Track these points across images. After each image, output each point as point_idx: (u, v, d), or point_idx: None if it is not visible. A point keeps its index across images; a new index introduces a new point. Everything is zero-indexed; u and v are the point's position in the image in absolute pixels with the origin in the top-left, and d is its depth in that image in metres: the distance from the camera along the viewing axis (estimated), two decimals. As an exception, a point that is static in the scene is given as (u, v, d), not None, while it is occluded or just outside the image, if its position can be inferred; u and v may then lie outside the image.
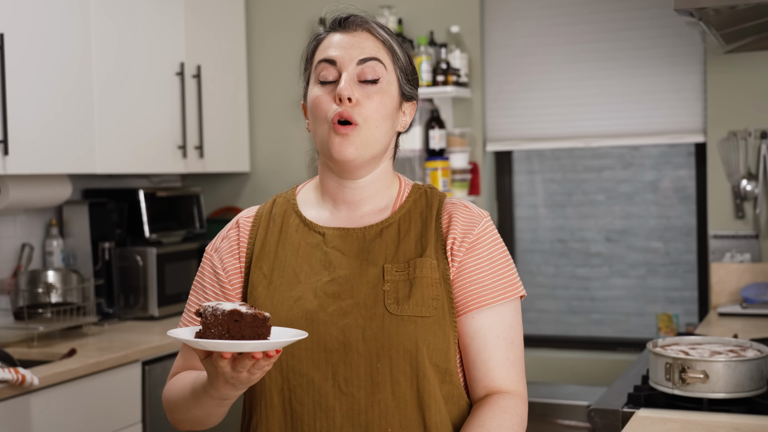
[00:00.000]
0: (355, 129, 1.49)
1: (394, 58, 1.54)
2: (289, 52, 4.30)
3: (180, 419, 1.55)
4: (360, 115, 1.49)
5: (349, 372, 1.46)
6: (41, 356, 3.06)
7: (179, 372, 1.61)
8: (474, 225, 1.54)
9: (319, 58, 1.53)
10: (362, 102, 1.49)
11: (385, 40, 1.54)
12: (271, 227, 1.58)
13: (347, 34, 1.53)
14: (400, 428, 1.46)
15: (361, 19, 1.54)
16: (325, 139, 1.50)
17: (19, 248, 3.50)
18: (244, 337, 1.31)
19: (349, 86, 1.48)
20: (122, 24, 3.53)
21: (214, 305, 1.33)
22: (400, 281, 1.49)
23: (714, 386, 2.08)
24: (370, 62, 1.51)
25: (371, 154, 1.52)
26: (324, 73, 1.51)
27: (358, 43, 1.51)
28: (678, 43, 3.79)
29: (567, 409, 3.58)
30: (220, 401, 1.44)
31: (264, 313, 1.32)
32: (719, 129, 3.70)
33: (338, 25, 1.54)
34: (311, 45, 1.57)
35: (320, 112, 1.51)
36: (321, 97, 1.51)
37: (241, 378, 1.33)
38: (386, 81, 1.52)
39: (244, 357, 1.30)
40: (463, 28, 4.02)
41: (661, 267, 4.17)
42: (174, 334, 1.35)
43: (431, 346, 1.47)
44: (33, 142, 3.11)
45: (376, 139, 1.51)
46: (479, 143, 4.04)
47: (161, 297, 3.73)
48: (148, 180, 4.19)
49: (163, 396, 1.60)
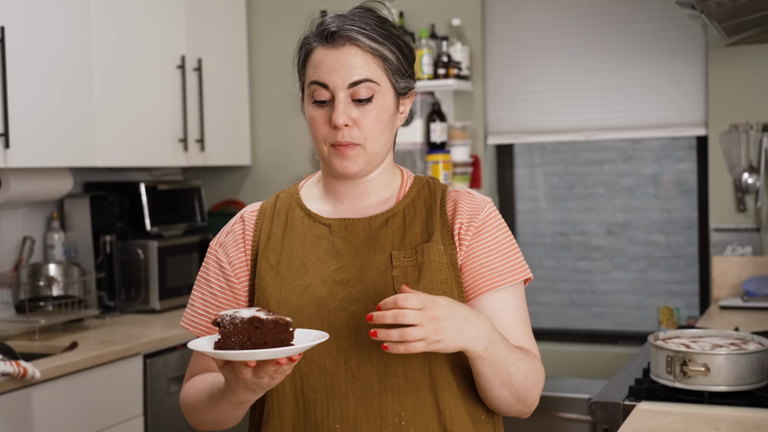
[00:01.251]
0: (355, 149, 1.50)
1: (385, 66, 1.51)
2: (290, 45, 4.27)
3: (198, 422, 1.57)
4: (357, 137, 1.49)
5: (361, 357, 1.47)
6: (43, 349, 3.07)
7: (195, 374, 1.61)
8: (479, 210, 1.55)
9: (311, 78, 1.51)
10: (359, 121, 1.49)
11: (375, 50, 1.50)
12: (276, 220, 1.59)
13: (335, 50, 1.50)
14: (413, 412, 1.47)
15: (348, 32, 1.50)
16: (326, 156, 1.52)
17: (20, 241, 3.51)
18: (267, 343, 1.31)
19: (343, 114, 1.48)
20: (123, 17, 3.53)
21: (232, 313, 1.32)
22: (408, 266, 1.50)
23: (715, 379, 2.08)
24: (360, 84, 1.49)
25: (374, 165, 1.54)
26: (317, 94, 1.51)
27: (348, 63, 1.49)
28: (679, 36, 3.78)
29: (568, 402, 3.59)
30: (238, 405, 1.45)
31: (286, 318, 1.32)
32: (721, 122, 3.69)
33: (324, 39, 1.51)
34: (301, 53, 1.56)
35: (318, 133, 1.52)
36: (317, 118, 1.51)
37: (262, 384, 1.34)
38: (380, 94, 1.51)
39: (268, 363, 1.31)
40: (465, 21, 4.01)
41: (662, 260, 4.17)
42: (194, 346, 1.35)
43: None
44: (34, 135, 3.11)
45: (376, 151, 1.52)
46: (480, 136, 4.04)
47: (162, 290, 3.73)
48: (149, 173, 4.19)
49: (181, 399, 1.61)
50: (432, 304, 1.34)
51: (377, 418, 1.46)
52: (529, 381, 1.49)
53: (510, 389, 1.48)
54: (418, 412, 1.47)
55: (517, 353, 1.47)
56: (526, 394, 1.50)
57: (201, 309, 1.60)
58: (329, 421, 1.47)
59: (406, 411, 1.47)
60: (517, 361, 1.47)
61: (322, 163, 1.56)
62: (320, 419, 1.48)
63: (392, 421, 1.46)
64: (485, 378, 1.45)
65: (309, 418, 1.48)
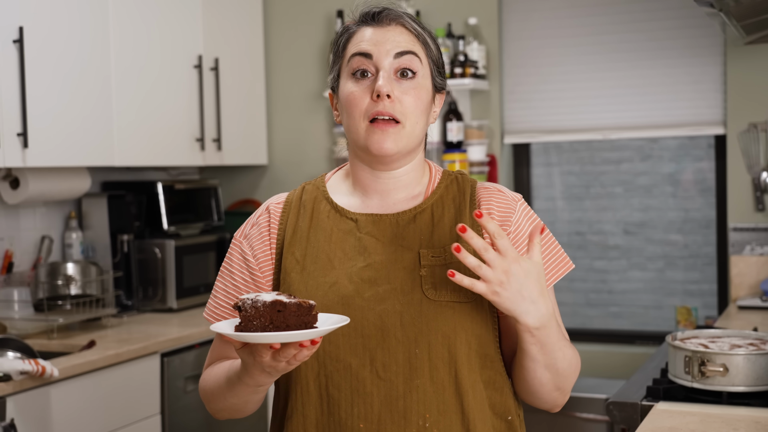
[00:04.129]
0: (396, 127, 1.49)
1: (427, 51, 1.54)
2: (307, 44, 4.30)
3: (217, 408, 1.56)
4: (399, 112, 1.48)
5: (387, 357, 1.46)
6: (61, 348, 3.09)
7: (214, 362, 1.61)
8: (511, 212, 1.53)
9: (353, 51, 1.51)
10: (400, 98, 1.49)
11: (419, 33, 1.53)
12: (302, 213, 1.57)
13: (380, 28, 1.52)
14: (438, 414, 1.46)
15: (395, 13, 1.53)
16: (363, 134, 1.50)
17: (38, 240, 3.53)
18: (289, 326, 1.30)
19: (387, 82, 1.48)
20: (141, 17, 3.54)
21: (253, 297, 1.32)
22: (436, 266, 1.48)
23: (734, 379, 2.06)
24: (406, 56, 1.50)
25: (409, 149, 1.52)
26: (359, 66, 1.50)
27: (393, 37, 1.51)
28: (697, 34, 3.76)
29: (585, 402, 3.57)
30: (255, 388, 1.45)
31: (309, 301, 1.31)
32: (739, 121, 3.67)
33: (371, 18, 1.53)
34: (342, 38, 1.56)
35: (356, 109, 1.50)
36: (356, 93, 1.50)
37: (278, 367, 1.34)
38: (422, 75, 1.52)
39: (289, 346, 1.31)
40: (481, 19, 4.00)
41: (679, 260, 4.15)
42: (216, 328, 1.35)
43: (470, 331, 1.47)
44: (52, 135, 3.13)
45: (415, 134, 1.51)
46: (497, 135, 4.03)
47: (179, 289, 3.75)
48: (166, 173, 4.20)
49: (200, 387, 1.61)
50: (515, 258, 1.35)
51: (401, 419, 1.46)
52: (571, 369, 1.50)
53: (553, 374, 1.48)
54: (443, 414, 1.47)
55: (564, 341, 1.48)
56: (566, 382, 1.51)
57: (223, 300, 1.59)
58: (353, 420, 1.47)
59: (431, 412, 1.46)
60: (564, 348, 1.47)
61: (357, 147, 1.54)
62: (344, 418, 1.47)
63: (416, 423, 1.46)
64: (531, 357, 1.44)
65: (333, 416, 1.48)
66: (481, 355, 1.49)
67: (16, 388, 2.61)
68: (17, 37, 2.98)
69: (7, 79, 2.96)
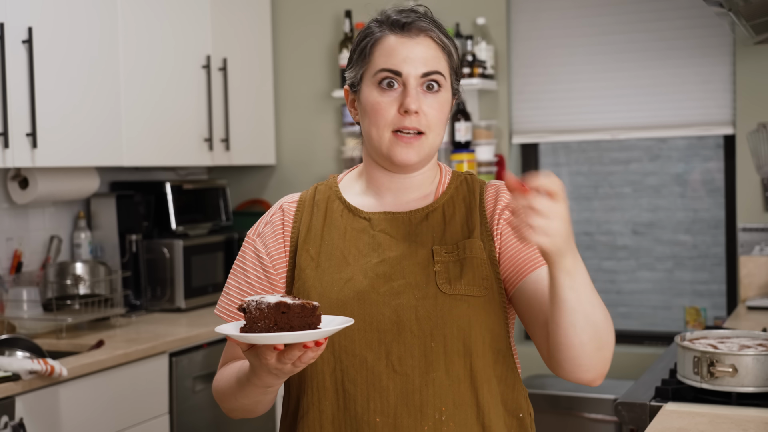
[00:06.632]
0: (420, 138, 1.52)
1: (450, 62, 1.56)
2: (315, 44, 4.30)
3: (230, 408, 1.58)
4: (424, 125, 1.51)
5: (403, 351, 1.47)
6: (70, 347, 3.09)
7: (228, 362, 1.62)
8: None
9: (382, 65, 1.52)
10: (426, 112, 1.51)
11: (445, 45, 1.55)
12: (316, 212, 1.60)
13: (408, 39, 1.53)
14: (453, 407, 1.47)
15: (424, 25, 1.54)
16: (386, 144, 1.52)
17: (47, 240, 3.54)
18: (294, 327, 1.31)
19: (416, 100, 1.50)
20: (149, 17, 3.55)
21: (258, 299, 1.33)
22: (450, 262, 1.50)
23: (743, 380, 2.06)
24: (433, 75, 1.52)
25: (430, 157, 1.56)
26: (386, 77, 1.52)
27: (422, 54, 1.52)
28: (707, 34, 3.75)
29: (594, 402, 3.57)
30: (264, 390, 1.46)
31: (312, 303, 1.33)
32: (748, 121, 3.66)
33: (399, 28, 1.54)
34: (368, 41, 1.56)
35: (381, 119, 1.52)
36: (382, 103, 1.52)
37: (284, 369, 1.35)
38: (445, 89, 1.55)
39: (293, 348, 1.31)
40: (489, 19, 4.00)
41: (688, 260, 4.14)
42: (221, 330, 1.36)
43: (484, 325, 1.49)
44: (61, 135, 3.14)
45: (436, 143, 1.55)
46: (505, 135, 4.02)
47: (188, 289, 3.75)
48: (175, 173, 4.21)
49: (213, 387, 1.62)
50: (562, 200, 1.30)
51: (418, 412, 1.47)
52: (608, 322, 1.40)
53: (593, 327, 1.37)
54: (458, 407, 1.48)
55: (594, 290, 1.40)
56: (606, 338, 1.40)
57: (236, 297, 1.60)
58: (369, 414, 1.48)
59: (447, 406, 1.47)
60: (598, 298, 1.39)
61: (377, 154, 1.55)
62: (360, 412, 1.48)
63: (432, 416, 1.47)
64: (569, 308, 1.35)
65: (349, 411, 1.49)
66: (494, 350, 1.50)
67: (25, 387, 2.62)
68: (26, 38, 2.99)
69: (17, 79, 2.97)
